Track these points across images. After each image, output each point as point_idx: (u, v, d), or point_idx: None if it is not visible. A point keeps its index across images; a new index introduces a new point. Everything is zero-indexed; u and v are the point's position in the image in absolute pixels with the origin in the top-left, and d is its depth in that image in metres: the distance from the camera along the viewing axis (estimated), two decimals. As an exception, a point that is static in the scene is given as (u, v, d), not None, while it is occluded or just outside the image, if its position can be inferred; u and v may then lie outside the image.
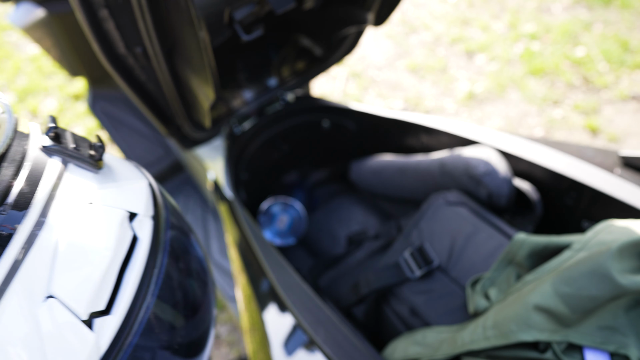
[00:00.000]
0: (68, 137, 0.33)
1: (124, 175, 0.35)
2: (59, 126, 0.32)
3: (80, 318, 0.26)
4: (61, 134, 0.32)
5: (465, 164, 0.71)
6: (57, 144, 0.30)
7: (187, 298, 0.35)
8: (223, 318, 1.40)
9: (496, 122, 1.92)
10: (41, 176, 0.28)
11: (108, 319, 0.28)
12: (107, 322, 0.27)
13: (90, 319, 0.27)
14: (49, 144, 0.30)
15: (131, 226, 0.31)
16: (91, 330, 0.27)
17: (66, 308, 0.26)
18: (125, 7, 0.52)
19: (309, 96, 1.06)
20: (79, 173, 0.31)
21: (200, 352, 0.37)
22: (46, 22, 1.05)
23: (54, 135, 0.31)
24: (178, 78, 0.67)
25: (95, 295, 0.27)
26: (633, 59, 2.05)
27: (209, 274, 0.41)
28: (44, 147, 0.30)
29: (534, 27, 2.28)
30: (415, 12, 2.44)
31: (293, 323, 0.59)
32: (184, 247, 0.37)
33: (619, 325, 0.41)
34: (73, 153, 0.31)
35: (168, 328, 0.32)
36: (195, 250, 0.40)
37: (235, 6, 0.64)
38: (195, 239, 0.42)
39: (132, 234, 0.31)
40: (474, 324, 0.51)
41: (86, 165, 0.32)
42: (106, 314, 0.28)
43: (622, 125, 1.84)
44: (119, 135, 1.38)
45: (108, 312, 0.28)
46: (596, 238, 0.47)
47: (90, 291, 0.27)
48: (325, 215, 1.07)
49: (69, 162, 0.31)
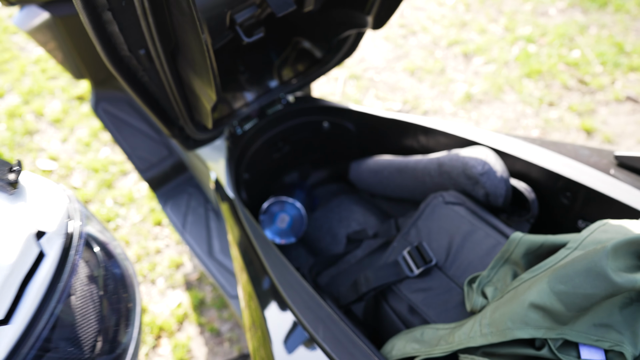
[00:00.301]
0: None
1: (40, 196, 0.37)
2: None
3: None
4: None
5: (463, 164, 0.72)
6: None
7: (95, 315, 0.35)
8: (225, 315, 1.41)
9: (493, 123, 1.93)
10: None
11: (7, 328, 0.28)
12: (5, 331, 0.28)
13: None
14: None
15: (38, 243, 0.33)
16: None
17: None
18: (129, 10, 0.53)
19: (309, 97, 1.06)
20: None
21: None
22: (50, 25, 1.05)
23: None
24: (181, 80, 0.68)
25: None
26: (628, 61, 2.07)
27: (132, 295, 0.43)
28: None
29: (530, 29, 2.30)
30: (414, 14, 2.46)
31: (293, 320, 0.60)
32: (100, 265, 0.38)
33: (614, 322, 0.42)
34: None
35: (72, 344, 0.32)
36: (115, 268, 0.41)
37: (236, 9, 0.65)
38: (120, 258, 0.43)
39: (39, 250, 0.32)
40: (471, 322, 0.52)
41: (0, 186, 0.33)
42: (4, 323, 0.28)
43: (616, 126, 1.86)
44: (121, 136, 1.38)
45: (7, 322, 0.28)
46: (591, 237, 0.48)
47: None
48: (325, 214, 1.07)
49: None
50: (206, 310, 1.43)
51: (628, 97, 1.96)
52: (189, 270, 1.53)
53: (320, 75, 0.99)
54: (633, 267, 0.42)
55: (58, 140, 1.93)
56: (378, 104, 2.05)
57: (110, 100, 1.38)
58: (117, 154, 1.87)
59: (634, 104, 1.94)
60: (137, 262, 1.54)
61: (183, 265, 1.54)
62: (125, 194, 1.71)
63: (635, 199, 0.57)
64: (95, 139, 1.93)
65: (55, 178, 1.77)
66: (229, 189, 0.88)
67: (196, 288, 1.48)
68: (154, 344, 1.36)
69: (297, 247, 1.04)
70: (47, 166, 1.80)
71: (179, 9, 0.52)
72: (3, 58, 2.26)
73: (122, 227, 1.62)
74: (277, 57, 1.00)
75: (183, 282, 1.50)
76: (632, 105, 1.93)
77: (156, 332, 1.38)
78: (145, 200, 1.70)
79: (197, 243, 1.28)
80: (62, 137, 1.93)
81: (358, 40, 0.94)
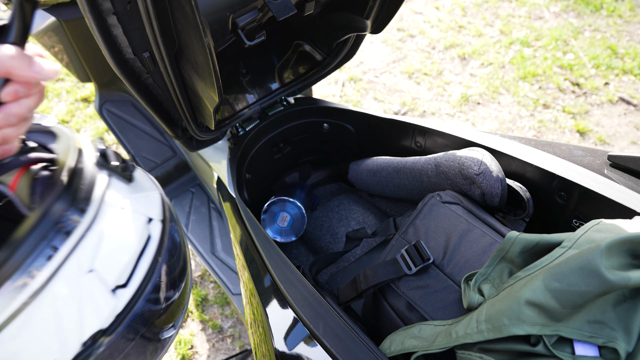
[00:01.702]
0: (111, 155, 0.43)
1: (145, 187, 0.46)
2: (106, 145, 0.44)
3: (109, 288, 0.37)
4: (107, 152, 0.43)
5: (459, 165, 0.73)
6: (105, 162, 0.41)
7: (175, 278, 0.47)
8: (227, 312, 1.42)
9: (489, 124, 1.95)
10: (94, 186, 0.39)
11: (126, 290, 0.38)
12: (124, 292, 0.38)
13: (115, 289, 0.37)
14: (100, 162, 0.41)
15: (148, 227, 0.42)
16: (114, 296, 0.37)
17: (101, 279, 0.37)
18: (133, 14, 0.54)
19: (310, 99, 1.07)
20: (117, 185, 0.42)
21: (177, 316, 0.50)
22: (56, 28, 1.06)
23: (103, 154, 0.42)
24: (184, 82, 0.69)
25: (121, 274, 0.38)
26: (621, 64, 2.09)
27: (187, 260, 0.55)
28: (97, 164, 0.41)
29: (525, 33, 2.32)
30: (412, 18, 2.48)
31: (294, 317, 0.61)
32: (177, 244, 0.49)
33: (608, 319, 0.42)
34: (115, 170, 0.42)
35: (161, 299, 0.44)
36: (183, 245, 0.52)
37: (238, 13, 0.66)
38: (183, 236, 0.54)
39: (148, 234, 0.42)
40: (468, 318, 0.53)
41: (122, 179, 0.43)
42: (125, 287, 0.38)
43: (610, 127, 1.89)
44: (125, 137, 1.40)
45: (126, 286, 0.38)
46: (585, 236, 0.48)
47: (118, 271, 0.38)
48: (325, 213, 1.08)
49: (112, 176, 0.42)
50: (209, 307, 1.44)
51: (621, 98, 1.98)
52: (192, 268, 1.53)
53: (320, 77, 1.00)
54: (626, 265, 0.42)
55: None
56: (377, 106, 2.06)
57: (114, 102, 1.39)
58: (121, 155, 1.87)
59: (627, 105, 1.96)
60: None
61: (184, 264, 1.54)
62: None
63: (628, 199, 0.58)
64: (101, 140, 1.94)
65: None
66: (231, 188, 0.89)
67: (199, 285, 1.49)
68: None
69: (298, 246, 1.05)
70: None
71: (182, 13, 0.53)
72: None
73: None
74: (278, 60, 1.01)
75: (184, 282, 1.50)
76: (625, 107, 1.96)
77: (157, 331, 1.38)
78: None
79: (200, 241, 1.29)
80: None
81: (357, 43, 0.95)
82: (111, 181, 0.41)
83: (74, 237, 0.35)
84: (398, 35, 2.37)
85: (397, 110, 2.04)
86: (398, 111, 2.03)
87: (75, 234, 0.35)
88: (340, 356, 0.53)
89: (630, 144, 1.82)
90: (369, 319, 0.75)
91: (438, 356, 0.56)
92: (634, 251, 0.43)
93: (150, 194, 0.45)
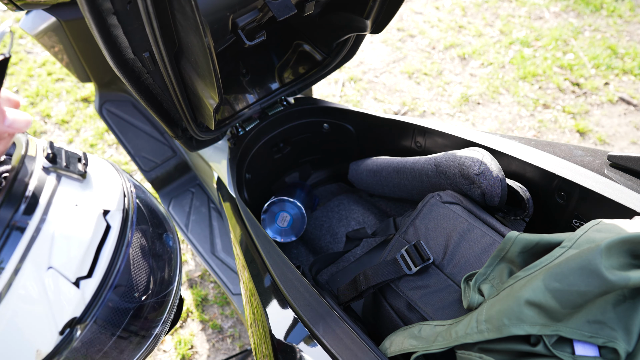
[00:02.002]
0: (62, 156, 0.45)
1: (103, 180, 0.48)
2: (55, 148, 0.45)
3: (70, 281, 0.40)
4: (57, 154, 0.45)
5: (459, 165, 0.73)
6: (53, 164, 0.43)
7: (146, 267, 0.49)
8: (227, 312, 1.42)
9: (489, 124, 1.95)
10: (42, 189, 0.41)
11: (90, 280, 0.41)
12: (89, 283, 0.41)
13: (77, 281, 0.40)
14: (47, 165, 0.43)
15: (105, 219, 0.45)
16: (78, 288, 0.40)
17: (60, 274, 0.40)
18: (133, 14, 0.54)
19: (310, 99, 1.07)
20: (68, 183, 0.44)
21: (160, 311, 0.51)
22: (56, 28, 1.07)
23: (52, 158, 0.44)
24: (184, 82, 0.69)
25: (80, 265, 0.41)
26: (621, 64, 2.10)
27: (174, 252, 0.56)
28: (44, 168, 0.43)
29: (525, 33, 2.32)
30: (412, 18, 2.48)
31: (293, 317, 0.61)
32: (148, 231, 0.51)
33: (608, 319, 0.42)
34: (64, 171, 0.44)
35: (131, 289, 0.46)
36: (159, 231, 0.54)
37: (238, 13, 0.66)
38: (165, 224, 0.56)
39: (106, 224, 0.44)
40: (468, 318, 0.53)
41: (74, 177, 0.45)
42: (88, 277, 0.41)
43: (610, 127, 1.89)
44: (125, 137, 1.40)
45: (90, 276, 0.41)
46: (585, 236, 0.48)
47: (76, 263, 0.41)
48: (325, 213, 1.08)
49: (62, 177, 0.44)
50: (209, 307, 1.44)
51: (621, 98, 1.98)
52: (192, 268, 1.53)
53: (320, 77, 1.00)
54: (626, 265, 0.42)
55: (64, 142, 1.94)
56: (377, 106, 2.06)
57: (114, 102, 1.40)
58: (121, 155, 1.88)
59: (627, 105, 1.96)
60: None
61: (186, 263, 1.55)
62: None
63: (628, 199, 0.58)
64: (101, 140, 1.94)
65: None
66: (231, 188, 0.89)
67: (199, 285, 1.49)
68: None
69: (298, 246, 1.05)
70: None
71: (182, 13, 0.53)
72: (10, 61, 2.27)
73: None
74: (278, 60, 1.01)
75: (186, 280, 1.50)
76: (625, 107, 1.96)
77: (157, 331, 1.39)
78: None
79: (200, 241, 1.29)
80: (68, 138, 1.94)
81: (357, 43, 0.95)
82: (61, 181, 0.44)
83: (24, 240, 0.38)
84: (398, 35, 2.38)
85: (397, 110, 2.04)
86: (398, 111, 2.03)
87: (24, 237, 0.38)
88: (340, 356, 0.53)
89: (630, 144, 1.82)
90: (369, 319, 0.75)
91: (438, 356, 0.56)
92: (634, 251, 0.43)
93: (108, 187, 0.48)
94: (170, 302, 0.54)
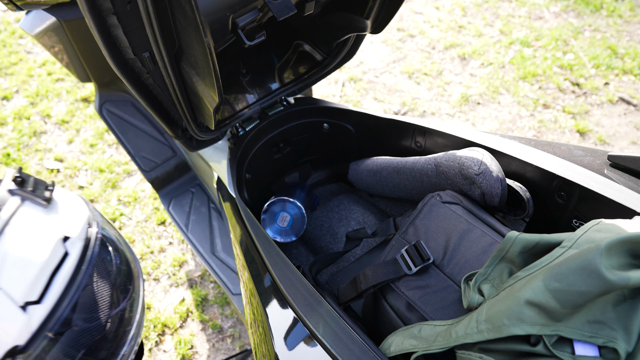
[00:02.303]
0: (30, 182, 0.47)
1: (68, 208, 0.49)
2: (24, 174, 0.47)
3: (17, 304, 0.39)
4: (25, 180, 0.46)
5: (459, 165, 0.73)
6: (19, 188, 0.45)
7: (103, 301, 0.47)
8: (227, 312, 1.42)
9: (489, 124, 1.95)
10: (1, 209, 0.42)
11: (39, 307, 0.40)
12: (37, 309, 0.40)
13: (25, 305, 0.39)
14: (12, 188, 0.45)
15: (64, 245, 0.44)
16: (24, 312, 0.39)
17: (7, 295, 0.38)
18: (133, 14, 0.54)
19: (310, 99, 1.08)
20: (32, 207, 0.45)
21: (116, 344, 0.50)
22: (56, 28, 1.07)
23: (20, 181, 0.45)
24: (184, 82, 0.69)
25: (30, 289, 0.39)
26: (620, 64, 2.10)
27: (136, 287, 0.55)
28: (9, 190, 0.44)
29: (525, 33, 2.32)
30: (412, 18, 2.48)
31: (294, 317, 0.61)
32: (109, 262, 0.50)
33: (607, 319, 0.42)
34: (28, 195, 0.45)
35: (85, 319, 0.44)
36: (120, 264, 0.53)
37: (238, 13, 0.66)
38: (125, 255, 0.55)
39: (64, 251, 0.44)
40: (468, 318, 0.53)
41: (38, 201, 0.46)
42: (38, 303, 0.40)
43: (610, 127, 1.89)
44: (125, 137, 1.40)
45: (40, 302, 0.40)
46: (585, 236, 0.48)
47: (26, 285, 0.39)
48: (325, 213, 1.08)
49: (26, 200, 0.45)
50: (209, 307, 1.45)
51: (621, 98, 1.98)
52: (192, 268, 1.54)
53: (320, 77, 1.01)
54: (626, 265, 0.42)
55: (64, 142, 1.94)
56: (377, 106, 2.06)
57: (114, 102, 1.40)
58: (121, 155, 1.88)
59: (627, 105, 1.96)
60: (141, 260, 1.55)
61: (186, 263, 1.55)
62: (129, 194, 1.72)
63: (628, 199, 0.58)
64: (101, 140, 1.95)
65: (61, 178, 1.78)
66: (231, 188, 0.89)
67: (199, 285, 1.49)
68: (157, 340, 1.37)
69: (298, 246, 1.05)
70: (53, 166, 1.82)
71: (182, 13, 0.53)
72: (10, 61, 2.28)
73: (126, 226, 1.63)
74: (278, 60, 1.01)
75: (186, 280, 1.51)
76: (625, 107, 1.96)
77: (160, 329, 1.39)
78: (149, 199, 1.71)
79: (200, 242, 1.29)
80: (68, 138, 1.95)
81: (357, 43, 0.95)
82: (25, 203, 0.45)
83: None
84: (398, 35, 2.38)
85: (397, 110, 2.04)
86: (398, 111, 2.03)
87: None
88: (340, 356, 0.53)
89: (630, 144, 1.82)
90: (369, 319, 0.75)
91: (438, 356, 0.56)
92: (634, 251, 0.43)
93: (73, 215, 0.48)
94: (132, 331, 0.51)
